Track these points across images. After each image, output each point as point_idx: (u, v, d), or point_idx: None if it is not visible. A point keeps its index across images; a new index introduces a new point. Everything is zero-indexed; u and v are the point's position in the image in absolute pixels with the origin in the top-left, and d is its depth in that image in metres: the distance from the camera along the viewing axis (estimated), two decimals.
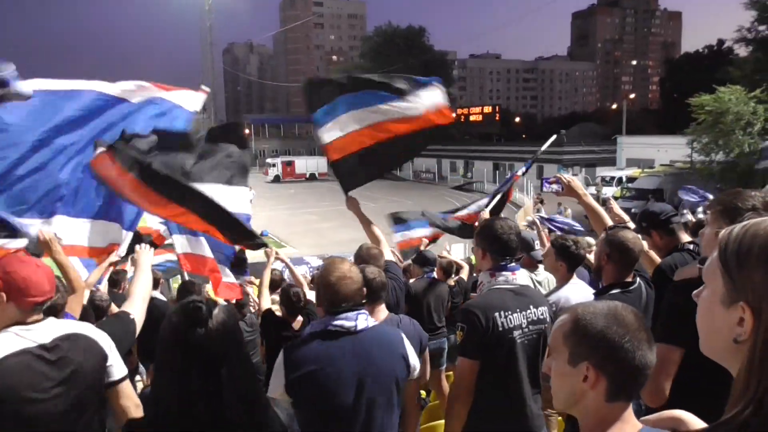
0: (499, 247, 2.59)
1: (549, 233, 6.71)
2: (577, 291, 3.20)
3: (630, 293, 2.66)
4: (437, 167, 50.04)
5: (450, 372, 5.25)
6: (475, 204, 5.67)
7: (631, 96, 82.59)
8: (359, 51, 70.39)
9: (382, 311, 2.84)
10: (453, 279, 6.03)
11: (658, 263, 3.11)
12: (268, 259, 4.84)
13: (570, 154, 40.76)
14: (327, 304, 2.17)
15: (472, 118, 60.52)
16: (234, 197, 3.44)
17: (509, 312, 2.47)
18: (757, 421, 0.84)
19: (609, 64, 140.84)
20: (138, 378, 5.53)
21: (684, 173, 24.22)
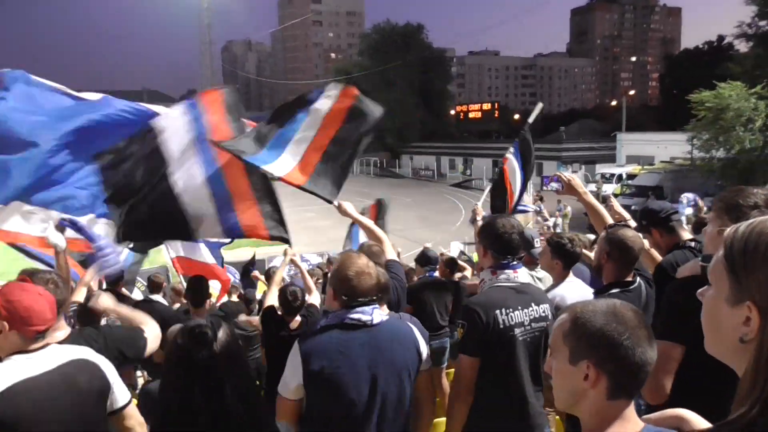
0: (501, 246, 2.58)
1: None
2: (574, 289, 3.18)
3: (630, 292, 2.65)
4: (436, 165, 50.04)
5: (451, 370, 5.26)
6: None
7: (631, 92, 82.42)
8: (357, 48, 70.34)
9: (383, 310, 2.84)
10: (457, 276, 6.03)
11: (659, 261, 3.10)
12: (284, 258, 4.77)
13: (569, 151, 40.74)
14: (344, 298, 2.18)
15: (471, 115, 60.59)
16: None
17: (510, 309, 2.47)
18: (764, 421, 0.83)
19: (608, 60, 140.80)
20: (139, 373, 5.53)
21: (684, 170, 24.22)
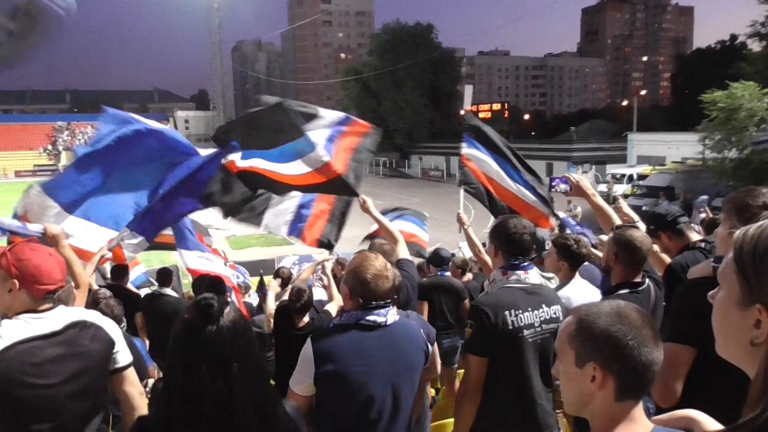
0: (512, 246, 2.58)
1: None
2: (581, 290, 3.14)
3: (639, 293, 2.62)
4: (445, 165, 49.92)
5: (461, 370, 5.24)
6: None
7: (642, 92, 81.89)
8: (367, 48, 70.38)
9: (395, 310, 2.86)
10: (468, 276, 6.03)
11: (668, 263, 3.08)
12: (316, 262, 4.87)
13: (580, 151, 40.48)
14: (361, 300, 2.18)
15: (480, 115, 60.28)
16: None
17: (520, 311, 2.46)
18: None
19: (619, 60, 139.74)
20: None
21: (696, 170, 24.01)
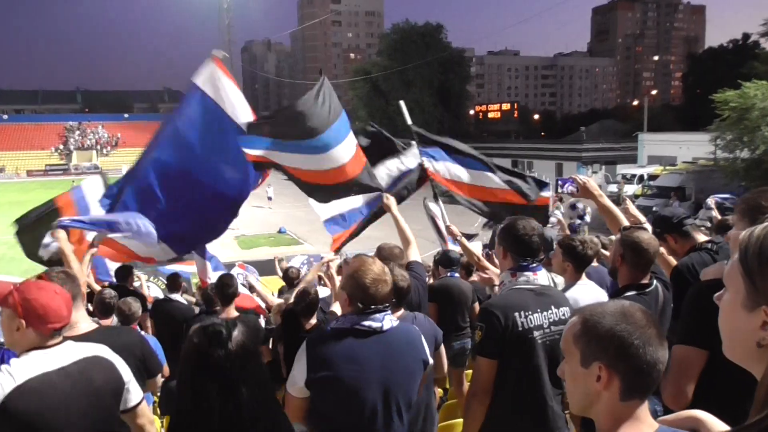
0: (521, 248, 2.57)
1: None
2: (587, 291, 3.09)
3: (646, 295, 2.59)
4: None
5: (470, 371, 5.23)
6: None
7: (653, 92, 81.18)
8: (377, 48, 70.31)
9: (400, 312, 2.87)
10: (474, 277, 6.01)
11: (675, 264, 3.06)
12: (321, 261, 4.77)
13: (590, 151, 40.24)
14: (360, 305, 2.17)
15: (490, 115, 60.26)
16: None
17: (529, 312, 2.45)
18: None
19: (630, 59, 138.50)
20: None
21: (707, 171, 23.79)
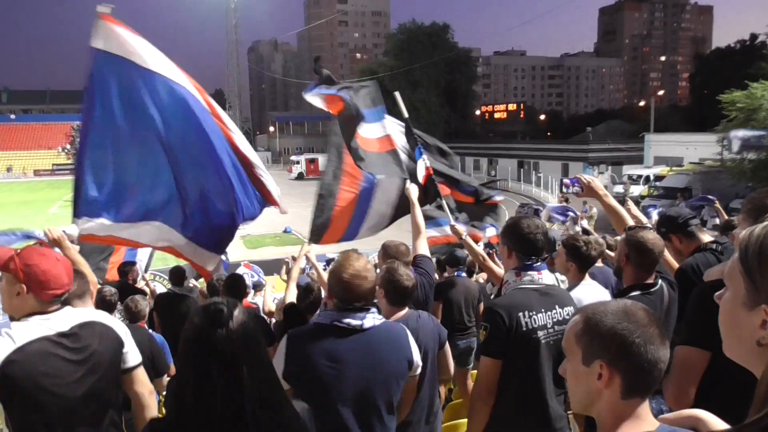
0: (526, 247, 2.57)
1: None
2: (590, 292, 3.08)
3: (651, 295, 2.57)
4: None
5: (475, 371, 5.23)
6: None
7: (660, 92, 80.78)
8: (383, 48, 70.36)
9: (402, 311, 2.83)
10: (476, 276, 6.03)
11: (680, 264, 3.05)
12: (299, 254, 4.64)
13: (596, 152, 40.07)
14: (338, 300, 2.18)
15: (496, 115, 60.20)
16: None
17: (534, 312, 2.45)
18: None
19: (637, 60, 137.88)
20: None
21: (714, 171, 23.66)
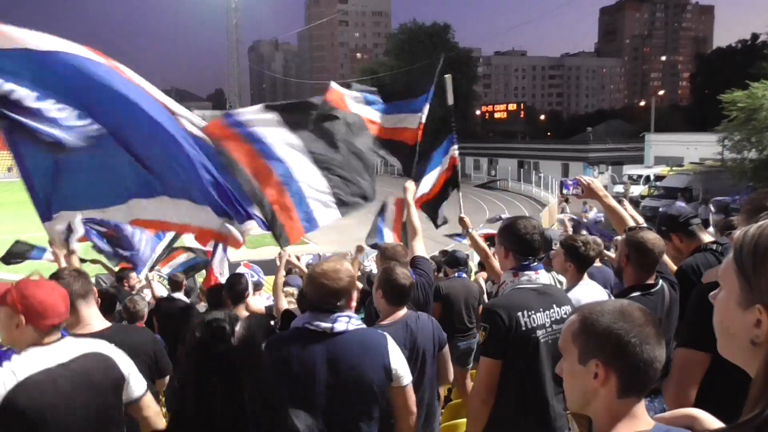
0: (523, 247, 2.56)
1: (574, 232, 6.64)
2: (589, 292, 3.07)
3: (651, 295, 2.56)
4: (461, 165, 49.20)
5: (474, 371, 5.23)
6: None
7: (661, 92, 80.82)
8: (384, 48, 70.39)
9: (401, 311, 2.83)
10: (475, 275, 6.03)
11: (680, 265, 3.04)
12: (280, 261, 4.63)
13: (597, 152, 40.09)
14: (310, 301, 2.19)
15: (496, 115, 60.17)
16: None
17: (532, 311, 2.45)
18: None
19: (637, 60, 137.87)
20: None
21: (714, 171, 23.66)
